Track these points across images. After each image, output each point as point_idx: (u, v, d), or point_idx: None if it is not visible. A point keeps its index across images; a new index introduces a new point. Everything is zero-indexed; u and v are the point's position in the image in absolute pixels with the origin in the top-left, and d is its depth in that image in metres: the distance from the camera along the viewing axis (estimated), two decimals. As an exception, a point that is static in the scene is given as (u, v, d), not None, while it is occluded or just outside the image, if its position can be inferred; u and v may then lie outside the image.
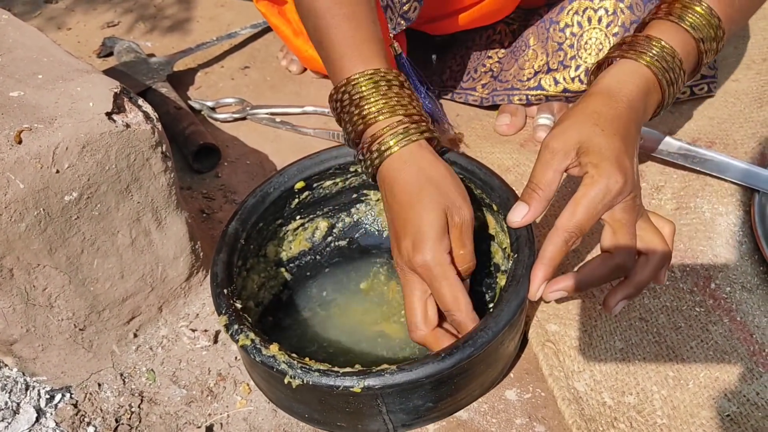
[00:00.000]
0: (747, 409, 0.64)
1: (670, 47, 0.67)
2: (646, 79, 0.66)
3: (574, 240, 0.60)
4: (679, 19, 0.68)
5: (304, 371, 0.58)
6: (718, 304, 0.73)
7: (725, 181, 0.85)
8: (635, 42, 0.69)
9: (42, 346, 0.70)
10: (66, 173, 0.62)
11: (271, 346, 0.60)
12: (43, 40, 0.79)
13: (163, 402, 0.71)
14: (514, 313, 0.60)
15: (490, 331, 0.59)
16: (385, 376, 0.57)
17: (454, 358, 0.57)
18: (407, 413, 0.62)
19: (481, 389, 0.67)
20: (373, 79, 0.67)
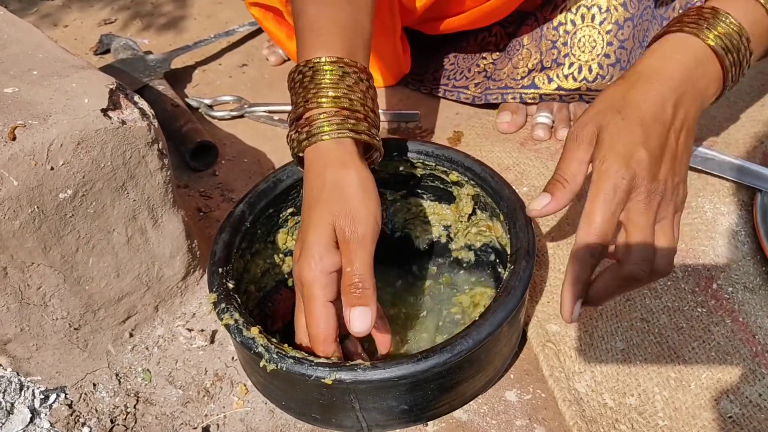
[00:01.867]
0: (749, 411, 0.63)
1: (736, 23, 0.60)
2: (694, 53, 0.60)
3: (601, 250, 0.56)
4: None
5: (279, 357, 0.57)
6: (720, 305, 0.72)
7: (727, 181, 0.84)
8: (698, 15, 0.62)
9: (36, 346, 0.69)
10: (61, 170, 0.62)
11: (253, 329, 0.59)
12: (38, 36, 0.78)
13: (159, 402, 0.70)
14: (499, 324, 0.58)
15: (471, 340, 0.57)
16: (357, 371, 0.55)
17: (429, 361, 0.56)
18: (381, 413, 0.61)
19: (461, 399, 0.65)
20: (333, 66, 0.62)
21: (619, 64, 0.90)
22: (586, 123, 0.59)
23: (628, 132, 0.56)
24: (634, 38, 0.90)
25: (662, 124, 0.57)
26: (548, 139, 0.96)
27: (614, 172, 0.55)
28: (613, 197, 0.55)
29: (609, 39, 0.89)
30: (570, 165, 0.59)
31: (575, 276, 0.56)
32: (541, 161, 0.92)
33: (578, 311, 0.57)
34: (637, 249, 0.55)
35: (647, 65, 0.61)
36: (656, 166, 0.56)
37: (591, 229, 0.55)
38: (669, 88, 0.58)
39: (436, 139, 1.02)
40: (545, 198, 0.59)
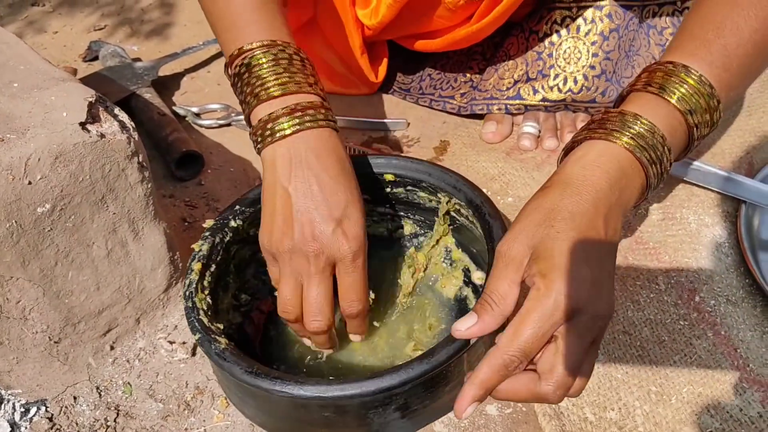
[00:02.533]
0: (730, 426, 0.63)
1: (648, 122, 0.57)
2: (619, 161, 0.56)
3: (516, 365, 0.51)
4: (660, 90, 0.59)
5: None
6: (702, 318, 0.72)
7: (712, 192, 0.84)
8: (606, 119, 0.59)
9: (17, 359, 0.68)
10: (38, 185, 0.61)
11: (222, 340, 0.61)
12: (21, 47, 0.78)
13: (139, 416, 0.69)
14: (448, 358, 0.57)
15: (424, 366, 0.56)
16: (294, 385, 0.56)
17: (383, 381, 0.56)
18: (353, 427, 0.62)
19: (438, 412, 0.65)
20: (270, 52, 0.63)
21: (604, 75, 0.90)
22: (514, 238, 0.54)
23: (568, 247, 0.52)
24: (620, 49, 0.90)
25: (598, 239, 0.53)
26: (534, 149, 0.96)
27: (556, 291, 0.50)
28: (551, 317, 0.50)
29: (594, 50, 0.89)
30: (500, 285, 0.54)
31: (482, 380, 0.52)
32: (527, 171, 0.91)
33: (471, 411, 0.53)
34: (563, 375, 0.50)
35: (573, 173, 0.56)
36: (597, 284, 0.51)
37: (516, 342, 0.51)
38: (599, 201, 0.55)
39: (422, 147, 1.01)
40: (471, 319, 0.54)
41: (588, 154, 0.57)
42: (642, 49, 0.93)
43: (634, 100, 0.61)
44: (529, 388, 0.51)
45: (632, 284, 0.75)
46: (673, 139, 0.59)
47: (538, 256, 0.52)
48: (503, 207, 0.87)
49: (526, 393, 0.52)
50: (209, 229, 0.70)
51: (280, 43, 0.64)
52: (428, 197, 0.75)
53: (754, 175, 0.83)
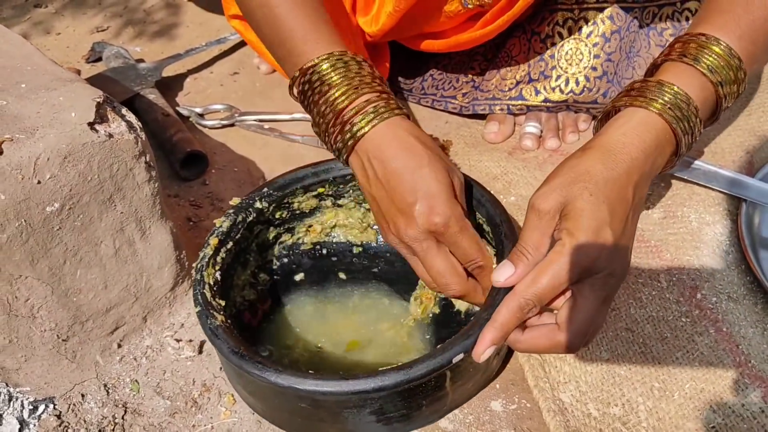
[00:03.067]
0: (732, 421, 0.64)
1: (684, 93, 0.61)
2: (656, 132, 0.60)
3: (531, 308, 0.55)
4: (694, 61, 0.62)
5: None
6: (704, 315, 0.72)
7: (713, 190, 0.85)
8: (645, 88, 0.62)
9: (25, 357, 0.69)
10: (47, 184, 0.62)
11: (219, 316, 0.64)
12: (27, 48, 0.79)
13: (146, 413, 0.70)
14: (426, 373, 0.58)
15: (401, 376, 0.58)
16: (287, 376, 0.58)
17: (378, 380, 0.57)
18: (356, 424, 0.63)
19: (446, 409, 0.67)
20: (335, 61, 0.65)
21: (606, 77, 0.90)
22: (549, 194, 0.57)
23: (596, 210, 0.55)
24: (621, 50, 0.91)
25: (625, 206, 0.57)
26: (536, 149, 0.97)
27: (578, 249, 0.54)
28: (569, 271, 0.54)
29: (596, 52, 0.89)
30: (532, 235, 0.57)
31: (501, 322, 0.55)
32: (529, 171, 0.92)
33: (490, 354, 0.56)
34: (580, 325, 0.54)
35: (612, 139, 0.59)
36: (617, 247, 0.55)
37: (532, 288, 0.55)
38: (633, 169, 0.58)
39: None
40: (509, 269, 0.57)
41: (629, 122, 0.60)
42: (642, 50, 0.94)
43: (670, 69, 0.63)
44: (549, 338, 0.55)
45: (634, 282, 0.76)
46: (704, 109, 0.63)
47: (568, 214, 0.55)
48: (506, 206, 0.87)
49: (547, 341, 0.55)
50: (233, 207, 0.73)
51: (337, 53, 0.66)
52: None
53: (755, 174, 0.84)
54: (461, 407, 0.68)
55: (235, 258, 0.73)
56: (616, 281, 0.56)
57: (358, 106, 0.64)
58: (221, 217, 0.72)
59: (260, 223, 0.75)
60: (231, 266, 0.72)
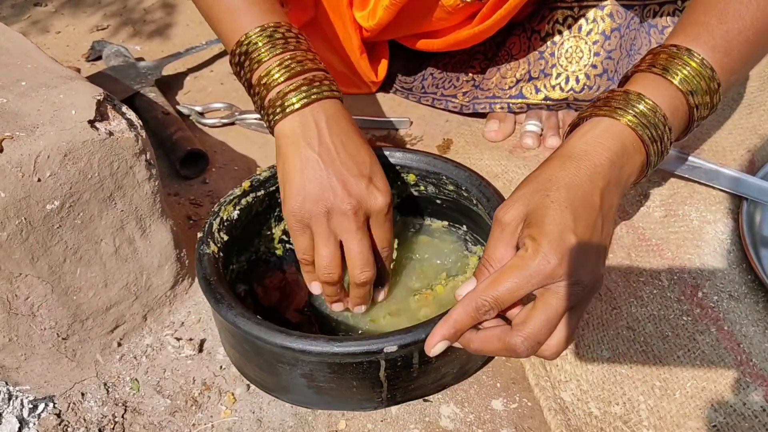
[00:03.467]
0: (734, 420, 0.64)
1: (651, 102, 0.60)
2: (621, 139, 0.59)
3: (487, 310, 0.54)
4: (663, 71, 0.61)
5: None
6: (705, 313, 0.72)
7: (713, 189, 0.84)
8: (611, 98, 0.61)
9: (25, 356, 0.69)
10: (48, 182, 0.62)
11: (213, 246, 0.68)
12: (27, 46, 0.79)
13: (147, 412, 0.70)
14: (354, 353, 0.59)
15: (328, 346, 0.59)
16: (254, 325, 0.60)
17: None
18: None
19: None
20: (267, 34, 0.67)
21: (606, 75, 0.90)
22: (511, 205, 0.57)
23: (559, 215, 0.54)
24: (621, 48, 0.90)
25: (591, 212, 0.55)
26: (537, 147, 0.97)
27: (542, 255, 0.52)
28: (531, 277, 0.53)
29: (596, 49, 0.89)
30: (496, 249, 0.57)
31: (455, 320, 0.55)
32: (530, 169, 0.92)
33: (441, 349, 0.56)
34: (534, 330, 0.52)
35: (575, 147, 0.59)
36: (584, 255, 0.53)
37: (491, 290, 0.54)
38: (597, 175, 0.57)
39: (425, 146, 1.02)
40: (471, 284, 0.57)
41: (592, 130, 0.60)
42: (643, 48, 0.94)
43: (638, 80, 0.63)
44: (500, 338, 0.54)
45: (635, 280, 0.76)
46: (675, 119, 0.62)
47: (530, 222, 0.55)
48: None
49: (498, 343, 0.54)
50: (250, 178, 0.76)
51: (272, 24, 0.68)
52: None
53: (756, 173, 0.84)
54: (462, 405, 0.68)
55: (269, 209, 0.77)
56: (584, 291, 0.54)
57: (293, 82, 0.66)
58: (263, 167, 0.76)
59: None
60: (261, 215, 0.76)
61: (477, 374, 0.70)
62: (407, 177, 0.79)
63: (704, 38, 0.63)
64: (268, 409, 0.69)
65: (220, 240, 0.70)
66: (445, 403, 0.68)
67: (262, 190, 0.75)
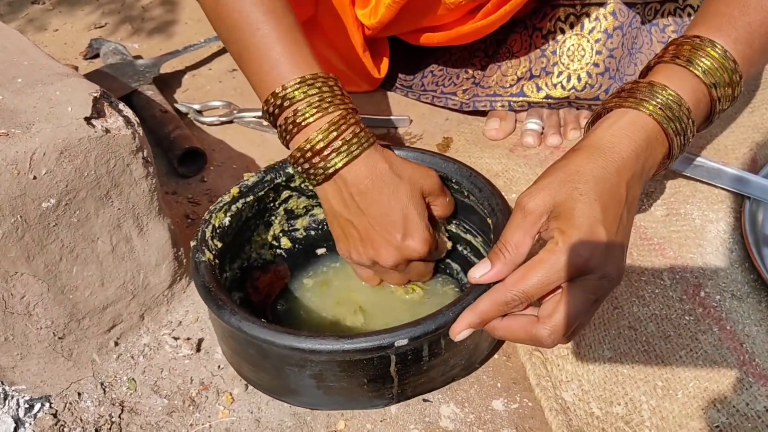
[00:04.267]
0: (737, 420, 0.63)
1: (675, 94, 0.60)
2: (647, 132, 0.59)
3: (516, 305, 0.54)
4: (687, 63, 0.61)
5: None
6: (707, 313, 0.72)
7: (716, 188, 0.84)
8: (636, 89, 0.61)
9: (20, 355, 0.68)
10: (43, 179, 0.61)
11: (208, 254, 0.67)
12: (23, 43, 0.78)
13: (144, 412, 0.69)
14: (367, 349, 0.58)
15: (340, 344, 0.58)
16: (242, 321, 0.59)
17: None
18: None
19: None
20: (315, 84, 0.66)
21: (608, 73, 0.90)
22: (536, 193, 0.56)
23: (589, 208, 0.54)
24: (623, 47, 0.90)
25: (617, 204, 0.55)
26: (538, 146, 0.96)
27: (572, 249, 0.53)
28: (560, 270, 0.53)
29: (598, 48, 0.89)
30: (514, 234, 0.56)
31: (481, 310, 0.56)
32: (530, 168, 0.91)
33: (465, 336, 0.57)
34: (561, 323, 0.53)
35: (602, 139, 0.59)
36: (611, 248, 0.54)
37: (521, 284, 0.54)
38: (623, 168, 0.57)
39: (425, 144, 1.01)
40: (485, 266, 0.57)
41: (618, 122, 0.60)
42: (644, 46, 0.93)
43: (662, 71, 0.63)
44: (526, 329, 0.54)
45: (637, 280, 0.75)
46: (697, 111, 0.62)
47: (559, 214, 0.54)
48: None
49: (523, 333, 0.55)
50: (267, 167, 0.76)
51: (310, 76, 0.67)
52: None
53: (758, 171, 0.83)
54: (462, 405, 0.67)
55: (258, 215, 0.76)
56: (609, 284, 0.54)
57: (339, 140, 0.65)
58: (251, 173, 0.75)
59: (290, 189, 0.77)
60: (251, 220, 0.76)
61: (477, 374, 0.70)
62: None
63: (727, 30, 0.63)
64: (266, 409, 0.68)
65: (215, 247, 0.69)
66: (445, 403, 0.68)
67: (251, 196, 0.73)
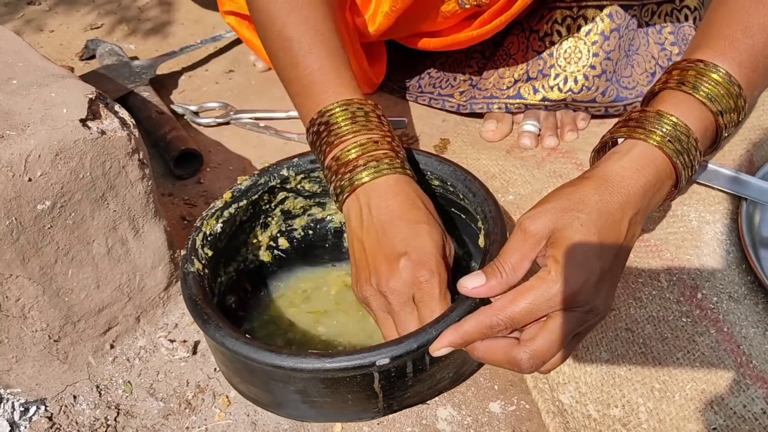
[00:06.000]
0: (734, 422, 0.63)
1: (684, 124, 0.58)
2: (656, 166, 0.57)
3: (501, 329, 0.53)
4: (693, 89, 0.60)
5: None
6: (704, 315, 0.72)
7: (713, 189, 0.84)
8: (644, 118, 0.60)
9: (16, 358, 0.68)
10: (38, 181, 0.61)
11: (197, 264, 0.66)
12: (19, 44, 0.77)
13: (139, 415, 0.69)
14: (347, 368, 0.57)
15: (320, 362, 0.57)
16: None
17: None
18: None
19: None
20: (349, 109, 0.66)
21: (604, 75, 0.90)
22: (539, 217, 0.55)
23: (586, 241, 0.53)
24: (620, 49, 0.90)
25: (615, 241, 0.54)
26: (535, 147, 0.96)
27: (564, 280, 0.52)
28: (549, 300, 0.52)
29: (595, 50, 0.89)
30: (512, 255, 0.55)
31: (465, 331, 0.54)
32: (527, 169, 0.91)
33: (445, 353, 0.55)
34: (542, 347, 0.52)
35: (611, 171, 0.57)
36: (602, 283, 0.53)
37: (508, 310, 0.53)
38: (629, 204, 0.56)
39: (422, 146, 1.01)
40: (480, 279, 0.55)
41: (628, 155, 0.58)
42: (641, 48, 0.93)
43: (668, 98, 0.61)
44: (505, 351, 0.53)
45: (634, 281, 0.75)
46: (704, 140, 0.61)
47: (556, 241, 0.53)
48: (504, 204, 0.87)
49: (502, 355, 0.53)
50: (260, 170, 0.75)
51: (357, 101, 0.67)
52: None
53: (755, 173, 0.83)
54: (459, 408, 0.67)
55: (253, 217, 0.75)
56: (595, 318, 0.54)
57: (368, 157, 0.65)
58: (245, 176, 0.74)
59: (285, 191, 0.76)
60: (246, 224, 0.75)
61: (474, 376, 0.69)
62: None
63: (731, 53, 0.61)
64: (262, 413, 0.68)
65: (204, 256, 0.68)
66: (442, 405, 0.67)
67: (245, 200, 0.72)
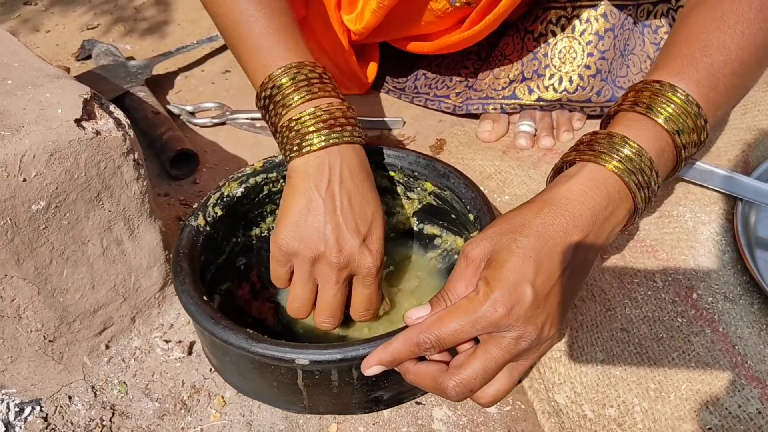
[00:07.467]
0: (729, 422, 0.63)
1: (636, 145, 0.56)
2: (607, 188, 0.55)
3: (428, 348, 0.52)
4: (647, 110, 0.58)
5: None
6: (700, 315, 0.72)
7: (708, 189, 0.84)
8: (594, 141, 0.58)
9: (11, 358, 0.68)
10: (33, 182, 0.61)
11: (230, 183, 0.73)
12: (14, 44, 0.77)
13: (135, 415, 0.69)
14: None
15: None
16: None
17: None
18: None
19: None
20: (294, 72, 0.66)
21: (599, 75, 0.90)
22: (479, 242, 0.54)
23: (520, 264, 0.51)
24: (615, 48, 0.90)
25: (555, 266, 0.52)
26: (531, 148, 0.96)
27: (491, 302, 0.51)
28: (476, 322, 0.51)
29: (589, 50, 0.89)
30: (457, 284, 0.54)
31: (394, 348, 0.54)
32: (523, 169, 0.91)
33: (376, 372, 0.55)
34: (468, 376, 0.52)
35: (558, 195, 0.55)
36: (536, 310, 0.51)
37: (435, 329, 0.52)
38: (574, 228, 0.54)
39: (418, 146, 1.01)
40: (425, 310, 0.55)
41: (575, 177, 0.56)
42: (637, 48, 0.93)
43: (621, 120, 0.60)
44: (434, 377, 0.53)
45: (629, 282, 0.75)
46: (661, 161, 0.58)
47: (490, 263, 0.52)
48: (500, 205, 0.87)
49: (431, 381, 0.53)
50: (264, 159, 0.77)
51: (308, 63, 0.67)
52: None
53: (750, 173, 0.83)
54: (454, 408, 0.67)
55: (269, 197, 0.78)
56: (528, 345, 0.52)
57: (318, 116, 0.65)
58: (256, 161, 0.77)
59: None
60: (275, 195, 0.77)
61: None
62: (425, 184, 0.78)
63: (688, 72, 0.59)
64: (258, 413, 0.68)
65: (212, 214, 0.72)
66: (437, 405, 0.67)
67: (275, 173, 0.75)
